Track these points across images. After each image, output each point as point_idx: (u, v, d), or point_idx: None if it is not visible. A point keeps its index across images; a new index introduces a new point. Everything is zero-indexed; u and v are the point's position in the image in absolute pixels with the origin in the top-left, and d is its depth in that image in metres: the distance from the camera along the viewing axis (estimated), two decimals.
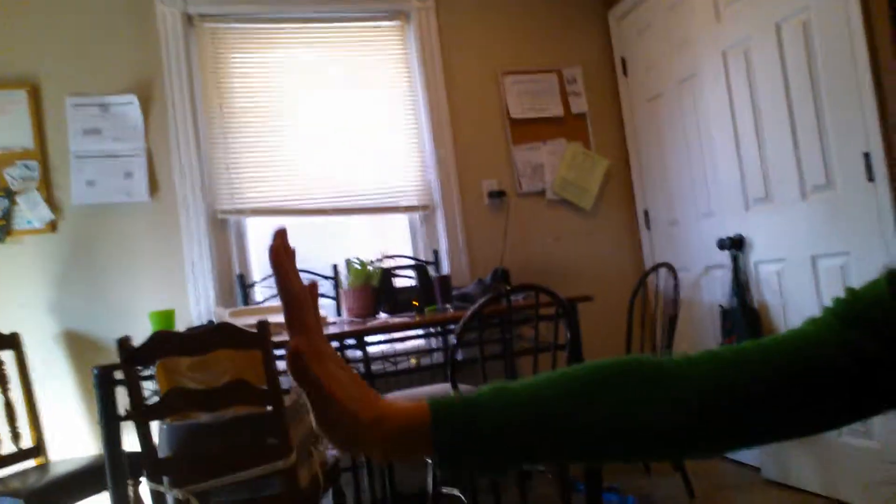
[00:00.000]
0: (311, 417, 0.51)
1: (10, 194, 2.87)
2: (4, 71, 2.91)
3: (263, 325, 1.72)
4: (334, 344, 2.96)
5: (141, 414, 1.76)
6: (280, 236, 0.51)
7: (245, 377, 1.73)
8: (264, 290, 3.15)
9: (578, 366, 0.59)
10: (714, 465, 3.01)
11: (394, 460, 0.56)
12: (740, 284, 2.78)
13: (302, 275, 3.19)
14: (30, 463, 2.47)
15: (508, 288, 2.05)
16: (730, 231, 2.85)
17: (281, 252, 0.50)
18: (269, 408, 1.73)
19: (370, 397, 0.54)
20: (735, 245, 2.79)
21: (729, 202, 2.87)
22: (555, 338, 2.10)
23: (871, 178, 2.19)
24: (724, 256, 2.87)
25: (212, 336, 1.68)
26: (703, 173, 3.06)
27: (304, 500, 1.78)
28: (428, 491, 2.27)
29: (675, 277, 2.76)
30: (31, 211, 2.89)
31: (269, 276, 3.13)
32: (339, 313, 3.15)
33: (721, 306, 2.88)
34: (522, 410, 0.56)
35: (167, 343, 1.69)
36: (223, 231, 3.14)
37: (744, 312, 2.73)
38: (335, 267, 3.22)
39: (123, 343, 1.72)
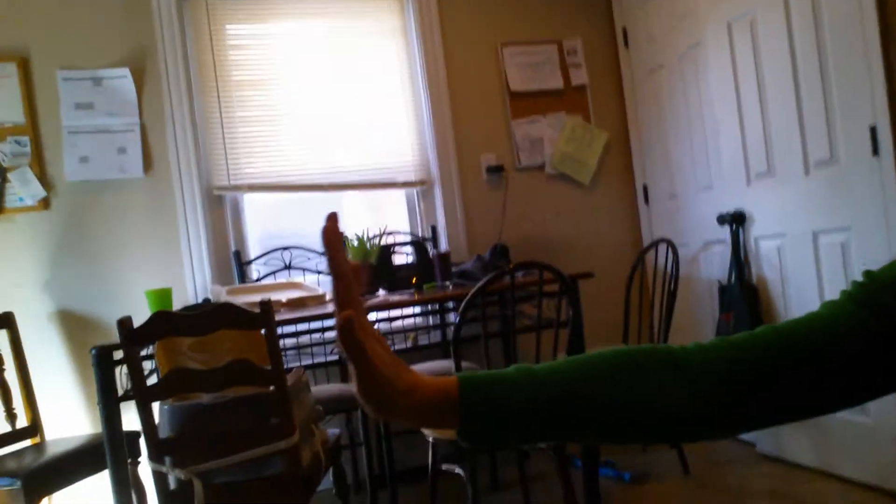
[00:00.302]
0: (354, 383, 0.55)
1: (1, 171, 2.82)
2: None
3: (267, 305, 1.69)
4: (329, 322, 2.94)
5: (142, 395, 1.74)
6: (332, 219, 0.55)
7: (247, 357, 1.71)
8: (260, 268, 3.12)
9: (597, 352, 0.61)
10: None
11: (423, 427, 0.61)
12: (740, 260, 2.77)
13: (298, 251, 3.17)
14: (25, 443, 2.47)
15: (511, 266, 2.03)
16: (730, 206, 2.83)
17: (333, 233, 0.54)
18: (272, 388, 1.72)
19: (404, 369, 0.57)
20: (735, 220, 2.78)
21: (730, 176, 2.84)
22: (557, 315, 2.09)
23: (875, 153, 2.16)
24: (724, 232, 2.86)
25: (214, 316, 1.66)
26: (704, 147, 3.03)
27: (306, 478, 1.78)
28: (428, 467, 2.27)
29: (675, 253, 2.75)
30: (23, 188, 2.84)
31: (266, 254, 3.10)
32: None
33: (720, 282, 2.88)
34: (547, 390, 0.58)
35: (168, 323, 1.66)
36: (219, 207, 3.10)
37: (742, 288, 2.73)
38: None
39: (124, 323, 1.70)
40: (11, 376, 2.51)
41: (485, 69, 3.43)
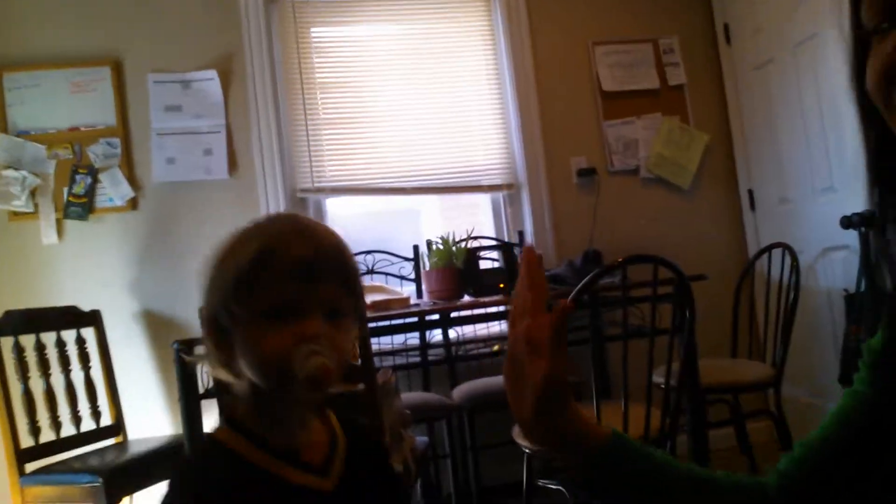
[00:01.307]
0: (538, 373, 0.59)
1: (93, 172, 2.85)
2: (89, 47, 2.89)
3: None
4: (414, 320, 2.80)
5: (224, 389, 1.64)
6: (531, 248, 0.65)
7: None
8: None
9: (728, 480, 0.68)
10: None
11: (550, 446, 0.63)
12: (870, 266, 2.47)
13: (381, 256, 3.06)
14: (108, 441, 2.42)
15: (621, 259, 1.84)
16: (856, 207, 2.54)
17: (534, 251, 0.64)
18: (361, 385, 1.58)
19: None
20: (865, 222, 2.48)
21: (856, 176, 2.56)
22: (674, 320, 1.87)
23: None
24: (849, 236, 2.57)
25: None
26: (823, 146, 2.75)
27: (398, 485, 1.62)
28: (521, 482, 2.08)
29: (795, 258, 2.48)
30: (112, 189, 2.86)
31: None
32: (419, 295, 3.00)
33: (846, 291, 2.58)
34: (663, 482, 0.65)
35: None
36: (303, 210, 3.04)
37: (874, 297, 2.42)
38: (416, 248, 3.07)
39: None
40: (97, 374, 2.48)
41: (575, 69, 3.27)
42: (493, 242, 3.03)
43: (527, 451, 1.95)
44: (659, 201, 3.24)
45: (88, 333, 2.52)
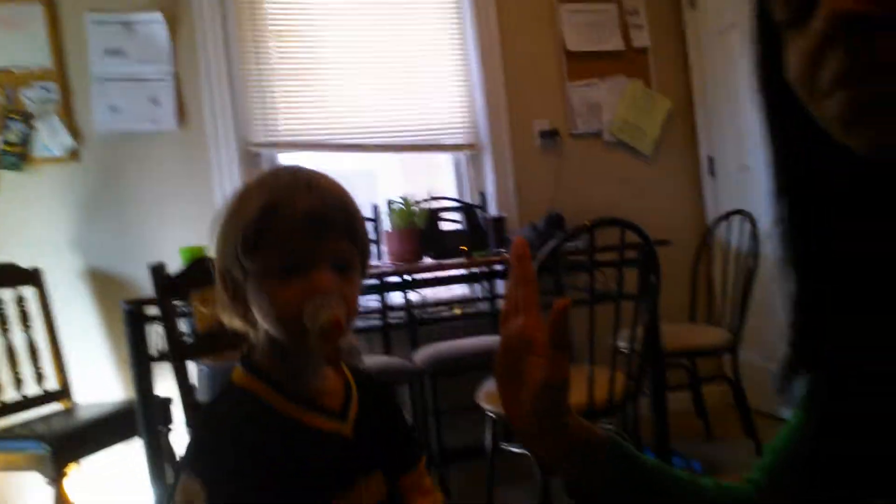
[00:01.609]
0: (540, 372, 0.56)
1: (27, 118, 2.64)
2: None
3: None
4: (374, 282, 2.74)
5: (178, 353, 1.55)
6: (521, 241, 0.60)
7: None
8: None
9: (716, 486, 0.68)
10: None
11: (540, 447, 0.60)
12: None
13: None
14: (55, 406, 2.30)
15: (589, 223, 1.80)
16: None
17: (524, 246, 0.59)
18: None
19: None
20: None
21: None
22: (641, 285, 1.86)
23: None
24: None
25: None
26: None
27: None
28: (483, 446, 2.07)
29: (754, 225, 2.51)
30: (50, 138, 2.66)
31: None
32: (378, 257, 2.92)
33: None
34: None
35: (211, 271, 1.46)
36: (255, 165, 2.90)
37: None
38: (375, 208, 2.98)
39: (158, 271, 1.50)
40: (39, 336, 2.34)
41: (540, 27, 3.19)
42: (455, 204, 2.97)
43: (491, 415, 1.93)
44: (621, 166, 3.23)
45: (29, 293, 2.36)
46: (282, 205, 0.74)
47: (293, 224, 0.74)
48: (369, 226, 2.96)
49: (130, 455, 2.25)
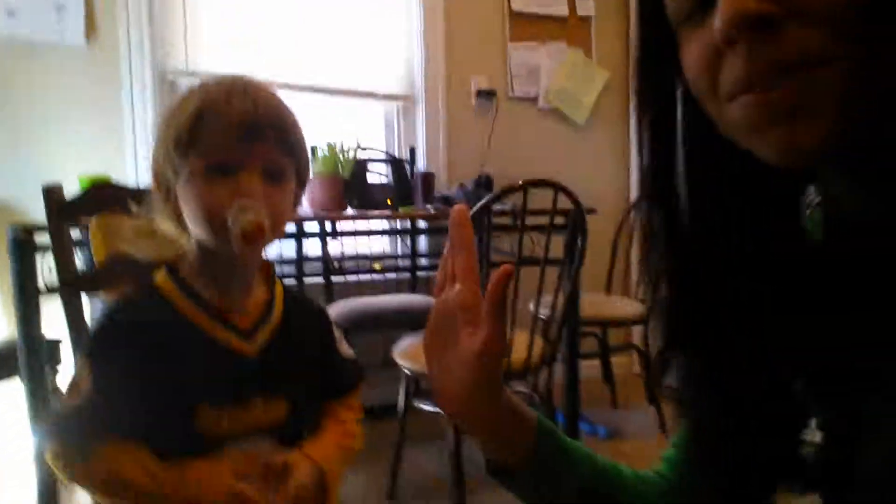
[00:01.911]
0: (475, 342, 0.52)
1: None
2: None
3: None
4: (291, 229, 2.63)
5: (71, 285, 1.41)
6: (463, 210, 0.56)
7: None
8: None
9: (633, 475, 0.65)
10: None
11: (472, 424, 0.57)
12: None
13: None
14: None
15: (521, 182, 1.76)
16: None
17: (465, 213, 0.55)
18: None
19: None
20: None
21: None
22: (569, 250, 1.85)
23: None
24: None
25: None
26: None
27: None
28: (399, 404, 2.03)
29: None
30: None
31: None
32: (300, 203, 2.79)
33: None
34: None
35: (112, 196, 1.32)
36: (172, 94, 2.69)
37: None
38: None
39: (52, 193, 1.34)
40: None
41: None
42: (383, 156, 2.87)
43: (407, 372, 1.89)
44: (554, 133, 3.21)
45: None
46: (216, 107, 0.76)
47: (225, 127, 0.75)
48: None
49: (11, 396, 2.07)
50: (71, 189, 1.36)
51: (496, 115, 3.09)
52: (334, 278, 2.80)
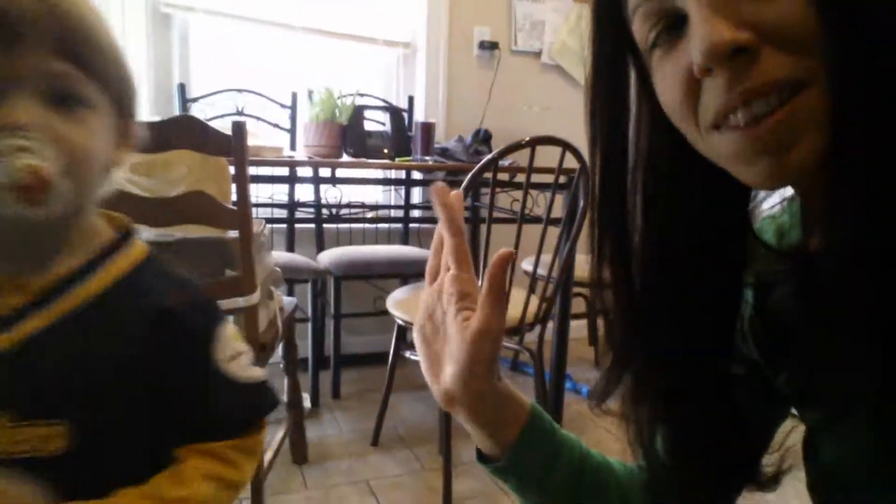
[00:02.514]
0: (474, 322, 0.51)
1: None
2: None
3: (239, 127, 1.34)
4: (284, 172, 2.59)
5: None
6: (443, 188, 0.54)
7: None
8: (206, 109, 2.67)
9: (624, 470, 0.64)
10: None
11: (465, 406, 0.54)
12: None
13: (255, 97, 2.74)
14: None
15: (527, 139, 1.73)
16: None
17: (448, 192, 0.53)
18: (234, 233, 1.39)
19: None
20: None
21: None
22: (572, 207, 1.83)
23: None
24: None
25: (173, 130, 1.29)
26: None
27: (261, 346, 1.49)
28: (391, 351, 2.04)
29: None
30: None
31: (215, 93, 2.64)
32: (293, 147, 2.75)
33: None
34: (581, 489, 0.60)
35: None
36: (166, 29, 2.60)
37: None
38: (294, 95, 2.77)
39: None
40: None
41: None
42: (382, 104, 2.81)
43: (399, 321, 1.88)
44: (555, 90, 3.16)
45: None
46: None
47: None
48: (284, 114, 2.75)
49: None
50: None
51: (498, 68, 3.03)
52: (325, 226, 2.78)
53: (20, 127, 0.51)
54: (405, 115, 2.79)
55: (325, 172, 2.54)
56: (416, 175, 2.90)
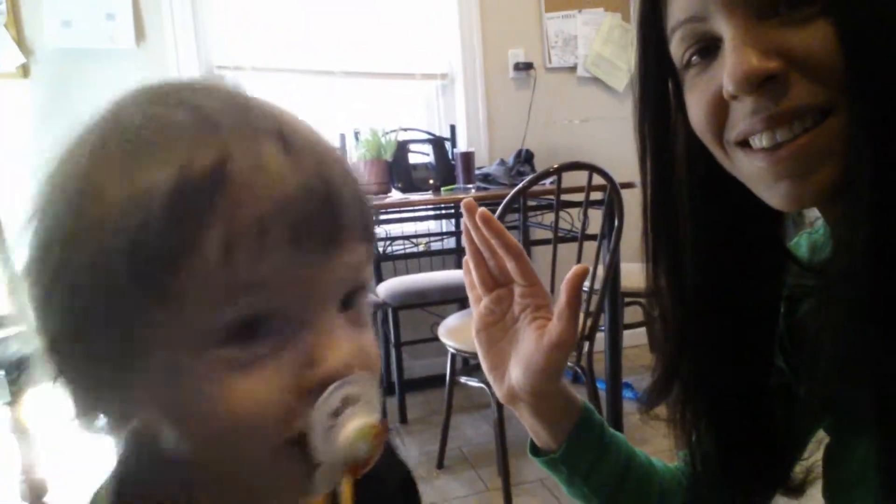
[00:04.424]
0: (553, 329, 0.57)
1: None
2: None
3: None
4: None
5: None
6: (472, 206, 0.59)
7: None
8: None
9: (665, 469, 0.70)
10: None
11: (528, 406, 0.61)
12: None
13: None
14: (11, 329, 2.27)
15: (556, 166, 1.80)
16: None
17: (487, 216, 0.57)
18: None
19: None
20: None
21: None
22: (603, 228, 1.87)
23: None
24: None
25: None
26: None
27: None
28: (446, 378, 2.12)
29: None
30: None
31: None
32: None
33: None
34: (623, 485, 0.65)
35: None
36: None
37: None
38: (342, 137, 2.91)
39: None
40: None
41: None
42: (424, 136, 2.92)
43: (451, 350, 1.96)
44: (593, 102, 3.19)
45: None
46: (250, 189, 0.32)
47: (265, 219, 0.32)
48: None
49: None
50: None
51: (535, 87, 3.09)
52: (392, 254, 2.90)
53: (344, 365, 0.35)
54: (448, 143, 2.89)
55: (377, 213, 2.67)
56: None
